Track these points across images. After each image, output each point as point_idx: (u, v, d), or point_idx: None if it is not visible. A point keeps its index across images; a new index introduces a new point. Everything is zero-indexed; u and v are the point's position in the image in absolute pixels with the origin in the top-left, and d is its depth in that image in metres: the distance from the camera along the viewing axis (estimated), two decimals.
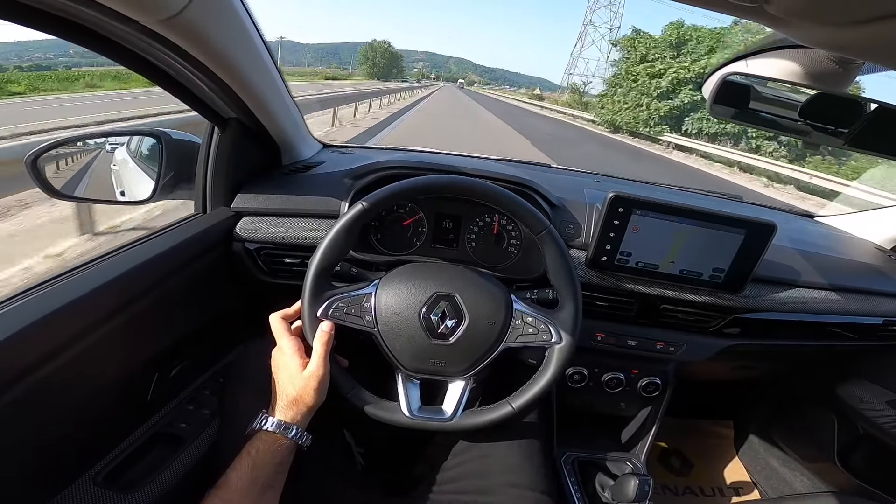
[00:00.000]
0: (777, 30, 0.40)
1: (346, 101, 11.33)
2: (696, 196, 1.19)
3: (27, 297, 0.54)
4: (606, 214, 0.78)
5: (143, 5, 0.45)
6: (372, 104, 14.43)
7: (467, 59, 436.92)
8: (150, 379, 0.71)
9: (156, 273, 0.67)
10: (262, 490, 0.54)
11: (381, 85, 38.46)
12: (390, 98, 19.05)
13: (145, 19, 0.46)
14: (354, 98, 12.28)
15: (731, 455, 1.44)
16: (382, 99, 16.95)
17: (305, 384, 0.59)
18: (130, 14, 0.45)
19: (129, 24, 0.46)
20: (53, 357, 0.51)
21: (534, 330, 0.66)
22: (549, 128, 19.04)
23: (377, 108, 15.17)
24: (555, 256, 0.66)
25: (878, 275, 0.97)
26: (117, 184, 0.93)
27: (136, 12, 0.45)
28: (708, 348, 0.92)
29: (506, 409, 0.65)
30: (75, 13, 0.45)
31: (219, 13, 0.55)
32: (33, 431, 0.52)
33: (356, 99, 12.39)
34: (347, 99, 11.64)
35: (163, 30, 0.49)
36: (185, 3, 0.46)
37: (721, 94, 0.56)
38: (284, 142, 0.89)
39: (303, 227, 0.82)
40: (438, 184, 0.67)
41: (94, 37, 0.50)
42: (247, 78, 0.66)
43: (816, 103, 0.59)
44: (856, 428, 1.07)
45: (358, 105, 12.44)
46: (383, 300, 0.65)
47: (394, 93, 20.99)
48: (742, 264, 0.80)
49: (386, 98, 17.89)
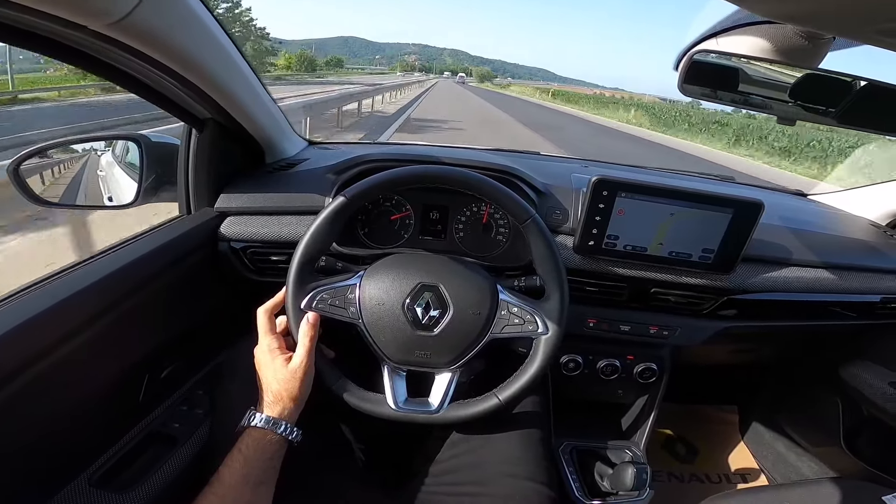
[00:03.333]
0: (736, 4, 0.39)
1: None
2: (688, 178, 1.18)
3: (11, 301, 0.54)
4: (591, 198, 0.77)
5: (88, 10, 0.43)
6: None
7: (462, 51, 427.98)
8: (142, 380, 0.71)
9: (140, 275, 0.67)
10: (254, 486, 0.54)
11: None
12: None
13: (93, 24, 0.45)
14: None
15: (736, 441, 1.43)
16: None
17: (291, 377, 0.60)
18: (76, 20, 0.44)
19: (79, 30, 0.45)
20: (40, 359, 0.51)
21: (520, 320, 0.65)
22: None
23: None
24: (540, 245, 0.65)
25: (874, 251, 0.95)
26: (105, 189, 0.93)
27: (82, 18, 0.44)
28: (703, 331, 0.91)
29: (492, 402, 0.65)
30: (24, 21, 0.44)
31: (172, 14, 0.53)
32: (23, 435, 0.52)
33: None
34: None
35: (115, 33, 0.48)
36: (133, 6, 0.45)
37: (692, 72, 0.56)
38: (266, 140, 0.88)
39: (287, 225, 0.82)
40: (422, 174, 0.67)
41: (51, 44, 0.49)
42: (216, 78, 0.66)
43: (804, 82, 0.59)
44: (860, 411, 1.05)
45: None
46: (367, 291, 0.65)
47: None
48: (732, 244, 0.79)
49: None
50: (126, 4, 0.44)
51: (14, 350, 0.49)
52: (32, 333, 0.50)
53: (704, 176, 1.22)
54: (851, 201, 1.14)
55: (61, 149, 0.88)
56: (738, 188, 1.17)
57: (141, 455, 0.67)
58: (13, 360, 0.48)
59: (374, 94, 14.05)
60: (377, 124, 10.43)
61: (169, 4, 0.52)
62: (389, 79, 49.37)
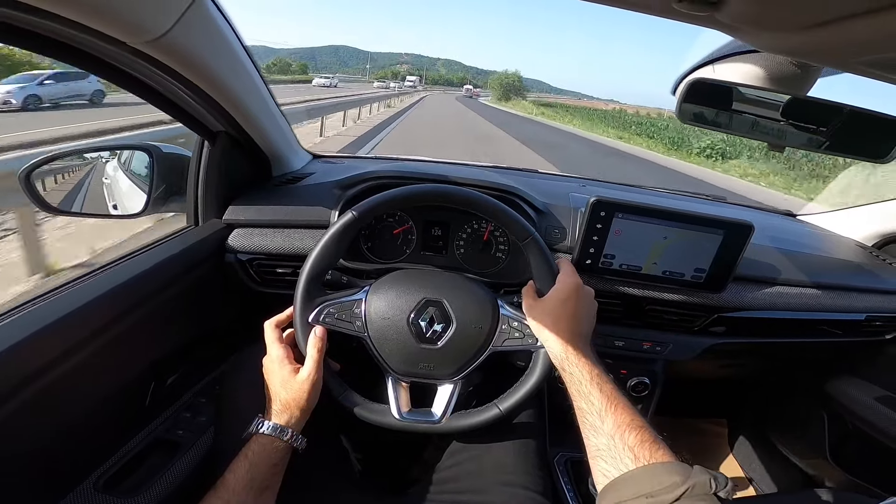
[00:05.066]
0: (731, 35, 0.42)
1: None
2: (680, 198, 1.21)
3: (24, 310, 0.55)
4: (589, 218, 0.80)
5: (130, 29, 0.46)
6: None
7: (457, 61, 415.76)
8: (147, 387, 0.72)
9: (149, 285, 0.69)
10: (258, 491, 0.56)
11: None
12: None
13: (133, 41, 0.48)
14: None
15: (725, 453, 1.45)
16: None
17: (299, 388, 0.61)
18: (119, 37, 0.47)
19: (117, 45, 0.48)
20: (52, 367, 0.53)
21: (520, 334, 0.67)
22: None
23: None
24: (540, 263, 0.68)
25: (860, 271, 0.99)
26: (110, 198, 0.94)
27: (124, 35, 0.47)
28: (694, 347, 0.94)
29: (493, 412, 0.67)
30: (66, 35, 0.47)
31: (204, 33, 0.56)
32: (34, 440, 0.53)
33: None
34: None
35: (150, 50, 0.51)
36: (171, 25, 0.48)
37: (690, 100, 0.58)
38: (274, 154, 0.90)
39: (294, 238, 0.84)
40: (429, 193, 0.69)
41: (81, 55, 0.51)
42: (234, 93, 0.68)
43: (793, 107, 0.62)
44: (846, 424, 1.08)
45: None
46: (373, 306, 0.67)
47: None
48: (722, 264, 0.82)
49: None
50: (164, 24, 0.48)
51: (26, 359, 0.50)
52: (43, 343, 0.52)
53: (698, 196, 1.26)
54: (839, 222, 1.18)
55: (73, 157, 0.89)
56: (730, 209, 1.21)
57: (146, 460, 0.68)
58: (25, 369, 0.50)
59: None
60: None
61: (202, 25, 0.55)
62: (349, 90, 34.69)
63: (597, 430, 0.52)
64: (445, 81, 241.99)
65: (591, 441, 0.52)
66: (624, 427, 0.50)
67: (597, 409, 0.53)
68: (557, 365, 0.61)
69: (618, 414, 0.52)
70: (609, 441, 0.50)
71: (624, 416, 0.51)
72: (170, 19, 0.48)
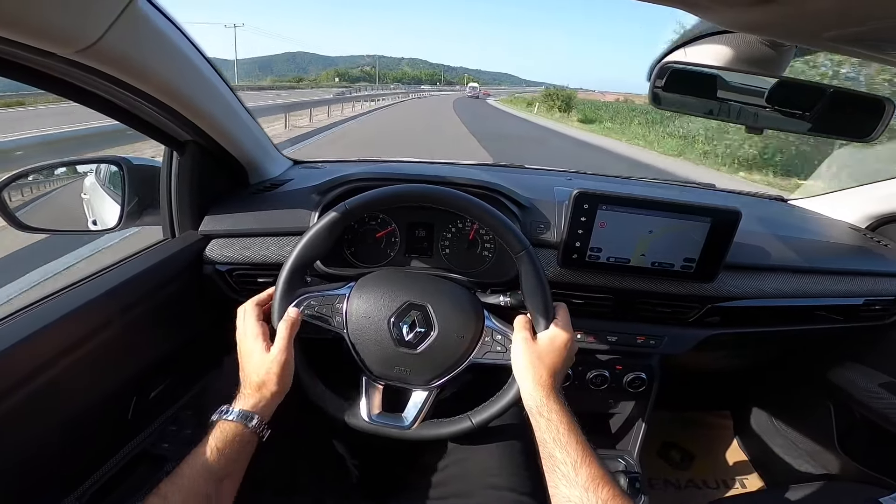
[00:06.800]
0: (698, 15, 0.41)
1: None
2: (668, 187, 1.19)
3: None
4: (572, 212, 0.78)
5: (57, 38, 0.43)
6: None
7: (422, 59, 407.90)
8: (129, 401, 0.71)
9: (124, 299, 0.67)
10: (218, 479, 0.53)
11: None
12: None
13: (63, 51, 0.45)
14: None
15: (731, 445, 1.43)
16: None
17: (268, 368, 0.59)
18: (44, 47, 0.43)
19: (48, 56, 0.45)
20: (26, 383, 0.51)
21: (502, 349, 0.65)
22: None
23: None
24: (531, 278, 0.64)
25: (855, 254, 0.97)
26: (89, 213, 0.92)
27: (51, 45, 0.44)
28: (689, 339, 0.91)
29: (465, 424, 0.65)
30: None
31: (144, 39, 0.53)
32: (13, 456, 0.52)
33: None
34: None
35: (85, 60, 0.48)
36: (101, 33, 0.45)
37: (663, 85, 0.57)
38: (248, 161, 0.89)
39: (273, 246, 0.82)
40: (425, 194, 0.67)
41: (24, 70, 0.49)
42: (193, 101, 0.66)
43: (778, 90, 0.60)
44: (852, 412, 1.06)
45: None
46: (356, 303, 0.65)
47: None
48: (712, 252, 0.80)
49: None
50: (93, 33, 0.44)
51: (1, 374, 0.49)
52: (16, 358, 0.51)
53: (685, 184, 1.24)
54: (831, 205, 1.16)
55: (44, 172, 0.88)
56: (718, 196, 1.19)
57: (130, 475, 0.67)
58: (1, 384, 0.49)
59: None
60: None
61: (140, 31, 0.51)
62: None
63: (570, 481, 0.52)
64: (413, 80, 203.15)
65: (563, 491, 0.52)
66: (598, 481, 0.51)
67: (572, 459, 0.53)
68: (530, 410, 0.60)
69: (592, 468, 0.52)
70: (583, 494, 0.50)
71: (597, 470, 0.52)
72: (101, 26, 0.44)
